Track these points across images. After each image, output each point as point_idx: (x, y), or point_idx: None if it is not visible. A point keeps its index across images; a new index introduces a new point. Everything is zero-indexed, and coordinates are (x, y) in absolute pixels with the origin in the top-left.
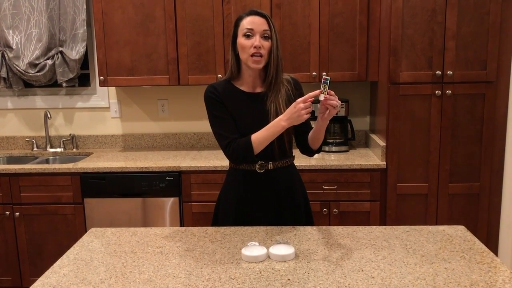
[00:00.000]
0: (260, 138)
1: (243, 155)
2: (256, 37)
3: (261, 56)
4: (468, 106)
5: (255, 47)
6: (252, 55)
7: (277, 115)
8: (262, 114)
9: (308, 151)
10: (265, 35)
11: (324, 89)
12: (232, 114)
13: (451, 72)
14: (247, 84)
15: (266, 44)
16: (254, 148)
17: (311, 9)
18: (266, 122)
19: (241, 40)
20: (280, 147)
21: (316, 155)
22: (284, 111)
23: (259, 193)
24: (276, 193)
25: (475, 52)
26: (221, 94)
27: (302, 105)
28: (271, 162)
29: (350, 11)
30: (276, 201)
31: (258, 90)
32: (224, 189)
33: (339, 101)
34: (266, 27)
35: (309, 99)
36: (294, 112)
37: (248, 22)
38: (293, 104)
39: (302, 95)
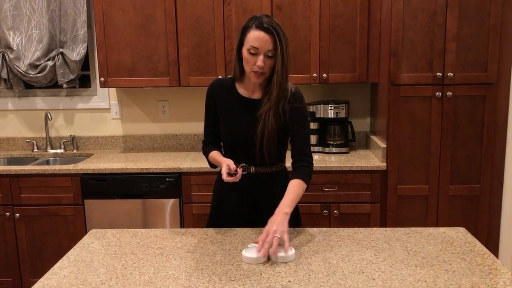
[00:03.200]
0: (213, 160)
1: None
2: (260, 57)
3: (263, 73)
4: (469, 108)
5: (257, 65)
6: (254, 71)
7: (264, 126)
8: (251, 121)
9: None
10: (269, 54)
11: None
12: (222, 114)
13: (452, 74)
14: (247, 87)
15: (270, 62)
16: (210, 161)
17: (312, 10)
18: (253, 128)
19: (245, 53)
20: (260, 156)
21: (316, 156)
22: (271, 123)
23: (239, 193)
24: (254, 196)
25: (475, 53)
26: (218, 94)
27: (226, 177)
28: (253, 167)
29: (351, 12)
30: (253, 205)
31: (256, 95)
32: (214, 186)
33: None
34: (271, 46)
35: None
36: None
37: (254, 38)
38: (225, 165)
39: (296, 109)
